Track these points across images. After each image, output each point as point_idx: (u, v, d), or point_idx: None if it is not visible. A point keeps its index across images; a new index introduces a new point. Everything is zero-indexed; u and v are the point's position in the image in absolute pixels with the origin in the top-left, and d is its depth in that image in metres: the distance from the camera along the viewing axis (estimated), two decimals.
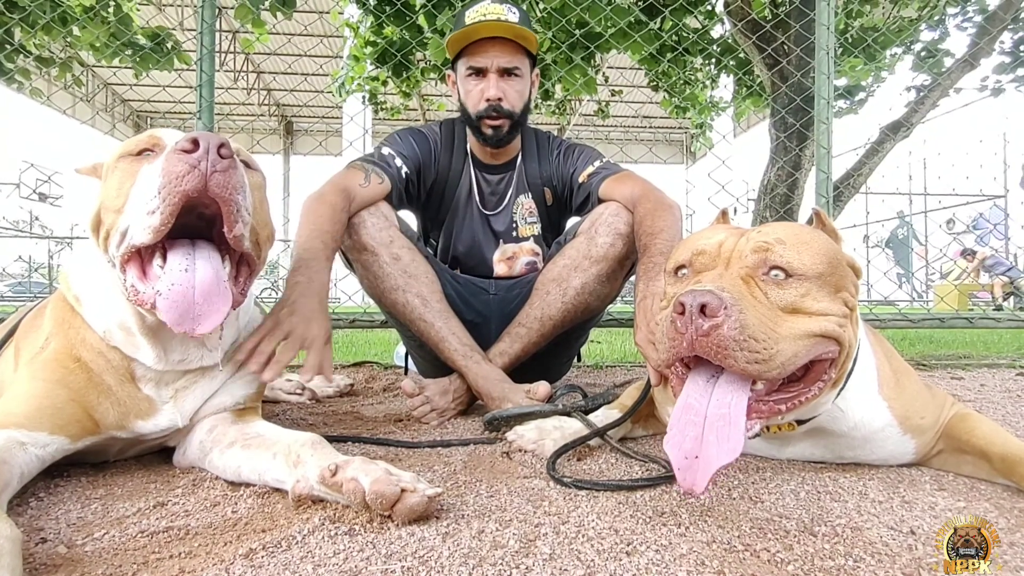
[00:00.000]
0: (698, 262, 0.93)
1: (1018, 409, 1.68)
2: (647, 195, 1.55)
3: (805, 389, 0.89)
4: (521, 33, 1.63)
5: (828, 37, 2.64)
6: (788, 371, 0.83)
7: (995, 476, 1.01)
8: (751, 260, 0.87)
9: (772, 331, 0.81)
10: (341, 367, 2.56)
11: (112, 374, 0.97)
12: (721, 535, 0.78)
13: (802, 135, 3.84)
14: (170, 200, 0.83)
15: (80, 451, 0.98)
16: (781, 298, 0.85)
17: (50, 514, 0.85)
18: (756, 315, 0.80)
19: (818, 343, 0.85)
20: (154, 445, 1.11)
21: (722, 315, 0.78)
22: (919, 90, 4.90)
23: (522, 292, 1.73)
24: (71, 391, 0.94)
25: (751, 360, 0.78)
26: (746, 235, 0.91)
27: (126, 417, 0.98)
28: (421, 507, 0.79)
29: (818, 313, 0.86)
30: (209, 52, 2.49)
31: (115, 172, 0.93)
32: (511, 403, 1.41)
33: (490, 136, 1.70)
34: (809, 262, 0.86)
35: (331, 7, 8.67)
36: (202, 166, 0.84)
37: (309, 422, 1.52)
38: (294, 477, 0.88)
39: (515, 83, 1.68)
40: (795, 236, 0.89)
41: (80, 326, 0.99)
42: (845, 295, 0.90)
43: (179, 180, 0.83)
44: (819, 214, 1.02)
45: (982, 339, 4.00)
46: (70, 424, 0.92)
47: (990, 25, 4.19)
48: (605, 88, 7.15)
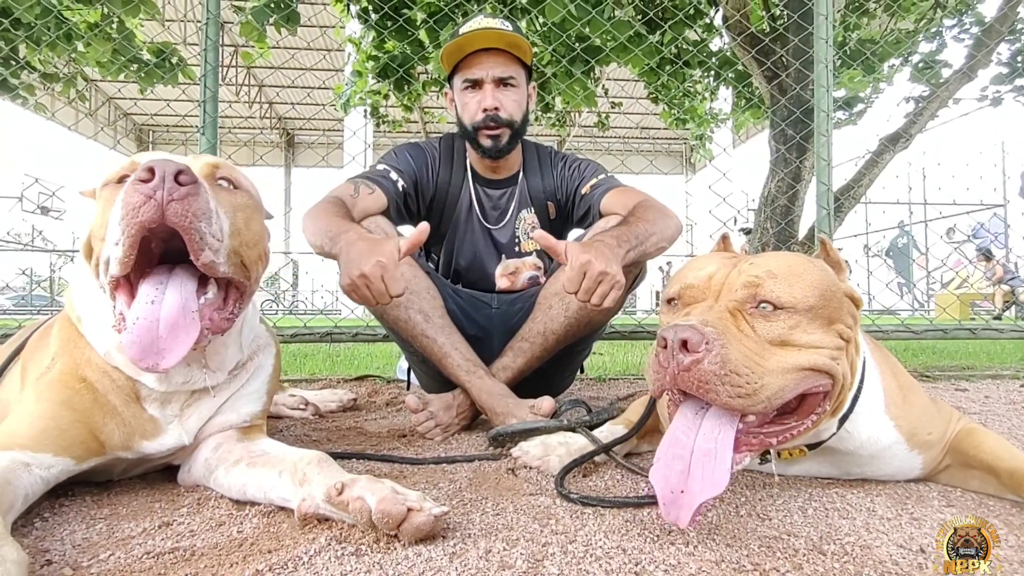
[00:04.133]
0: (687, 295, 0.93)
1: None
2: (648, 204, 1.58)
3: (798, 422, 0.88)
4: (514, 41, 1.65)
5: (827, 51, 2.66)
6: (775, 405, 0.82)
7: (1004, 492, 1.00)
8: (740, 294, 0.87)
9: (757, 365, 0.80)
10: (344, 381, 2.55)
11: (117, 394, 0.97)
12: (730, 554, 0.77)
13: (802, 147, 3.86)
14: (128, 232, 0.82)
15: (85, 471, 0.98)
16: (769, 331, 0.84)
17: (55, 535, 0.85)
18: (740, 349, 0.80)
19: (808, 376, 0.85)
20: (159, 464, 1.10)
21: (703, 350, 0.78)
22: (917, 101, 4.93)
23: (524, 306, 1.73)
24: (76, 412, 0.93)
25: (734, 394, 0.78)
26: (738, 266, 0.91)
27: (131, 438, 0.98)
28: (427, 527, 0.79)
29: (808, 346, 0.85)
30: (213, 68, 2.52)
31: (100, 199, 0.93)
32: (515, 418, 1.41)
33: (489, 147, 1.70)
34: (800, 295, 0.85)
35: (334, 23, 8.76)
36: (158, 195, 0.81)
37: (313, 438, 1.51)
38: (300, 496, 0.88)
39: (511, 93, 1.69)
40: (787, 268, 0.88)
41: (84, 346, 0.99)
42: (840, 327, 0.89)
43: (135, 211, 0.81)
44: (824, 243, 1.01)
45: (985, 350, 3.99)
46: (75, 446, 0.92)
47: (986, 37, 4.22)
48: (605, 100, 7.19)
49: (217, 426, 1.07)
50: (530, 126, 1.82)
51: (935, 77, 5.10)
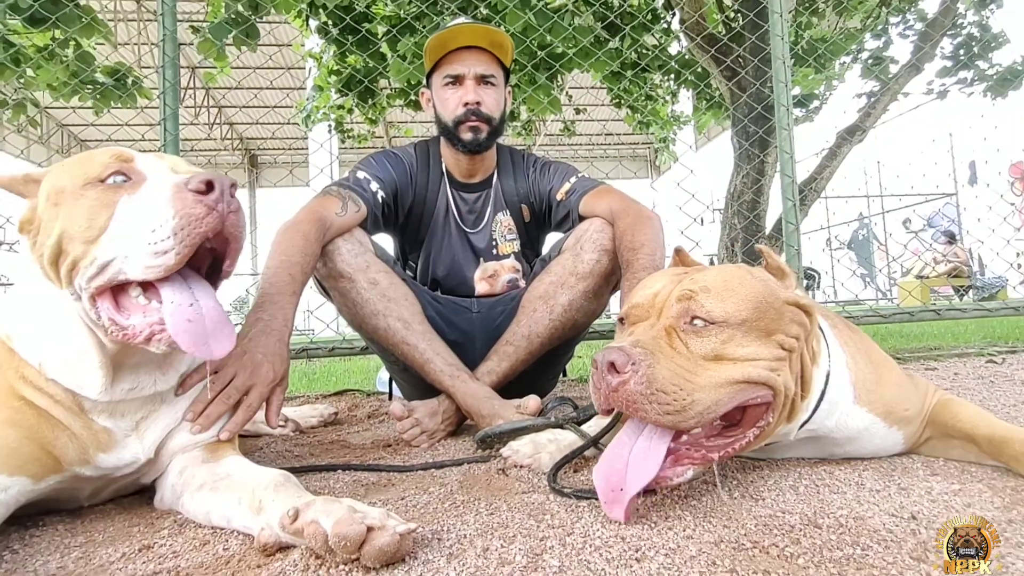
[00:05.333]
0: (633, 315, 0.95)
1: (993, 395, 1.73)
2: (626, 209, 1.57)
3: (741, 435, 0.89)
4: (497, 39, 1.66)
5: (783, 47, 2.73)
6: (708, 419, 0.84)
7: (983, 458, 1.03)
8: (675, 310, 0.88)
9: (687, 382, 0.82)
10: (322, 397, 2.50)
11: (59, 409, 0.92)
12: (728, 534, 0.77)
13: (764, 142, 3.95)
14: (188, 241, 0.85)
15: (48, 495, 0.93)
16: (702, 347, 0.86)
17: (27, 567, 0.80)
18: (669, 367, 0.82)
19: (743, 389, 0.85)
20: (128, 484, 1.05)
21: (629, 371, 0.81)
22: (869, 96, 5.11)
23: (506, 310, 1.72)
24: (23, 429, 0.89)
25: (662, 412, 0.80)
26: (681, 283, 0.92)
27: (86, 451, 0.93)
28: (392, 547, 0.71)
29: (743, 359, 0.85)
30: (172, 86, 2.46)
31: (81, 200, 0.89)
32: (502, 419, 1.39)
33: (469, 140, 1.69)
34: (732, 309, 0.86)
35: (292, 39, 8.68)
36: (220, 208, 0.87)
37: (295, 453, 1.47)
38: (258, 525, 0.83)
39: (492, 91, 1.69)
40: (722, 283, 0.89)
41: (19, 364, 0.93)
42: (780, 337, 0.89)
43: (199, 222, 0.85)
44: (764, 252, 1.01)
45: (950, 331, 4.12)
46: (29, 463, 0.88)
47: (931, 29, 4.40)
48: (569, 107, 7.28)
49: (180, 441, 1.03)
50: (505, 127, 1.82)
51: (884, 72, 5.29)
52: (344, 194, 1.58)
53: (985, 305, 3.08)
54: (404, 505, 0.99)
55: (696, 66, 5.07)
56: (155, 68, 2.53)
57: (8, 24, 3.83)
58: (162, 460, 1.03)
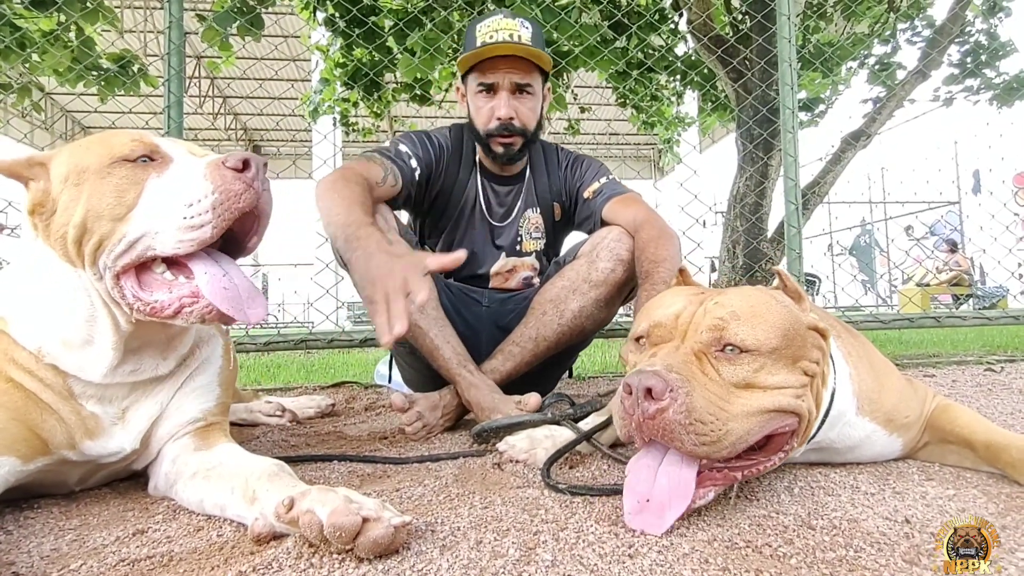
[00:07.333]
0: (655, 334, 0.91)
1: (991, 402, 1.73)
2: (650, 222, 1.55)
3: (764, 459, 0.87)
4: (534, 53, 1.61)
5: (790, 50, 2.72)
6: (739, 449, 0.81)
7: (979, 464, 1.03)
8: (706, 336, 0.85)
9: (722, 411, 0.79)
10: (320, 388, 2.50)
11: (49, 392, 0.93)
12: (721, 533, 0.77)
13: (768, 144, 3.95)
14: (227, 216, 0.89)
15: (37, 478, 0.93)
16: (734, 375, 0.83)
17: (21, 548, 0.81)
18: (705, 396, 0.79)
19: (773, 418, 0.83)
20: (118, 470, 1.05)
21: (668, 398, 0.77)
22: (875, 101, 5.10)
23: (516, 307, 1.71)
24: (10, 411, 0.89)
25: (698, 443, 0.77)
26: (704, 304, 0.90)
27: (73, 436, 0.93)
28: (386, 539, 0.71)
29: (774, 387, 0.83)
30: (177, 73, 2.46)
31: (108, 178, 0.89)
32: (501, 414, 1.39)
33: (500, 154, 1.67)
34: (763, 337, 0.84)
35: (298, 30, 8.66)
36: (256, 185, 0.92)
37: (292, 443, 1.47)
38: (252, 515, 0.82)
39: (527, 100, 1.65)
40: (750, 309, 0.86)
41: (8, 346, 0.93)
42: (805, 364, 0.87)
43: (237, 198, 0.90)
44: (781, 275, 0.98)
45: (949, 338, 4.12)
46: (17, 443, 0.88)
47: (939, 35, 4.39)
48: (575, 105, 7.26)
49: (168, 429, 1.02)
50: (542, 131, 1.77)
51: (891, 78, 5.28)
52: (387, 165, 1.55)
53: (985, 313, 3.08)
54: (399, 497, 0.99)
55: (702, 67, 5.07)
56: (160, 55, 2.52)
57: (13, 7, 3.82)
58: (151, 448, 1.03)
